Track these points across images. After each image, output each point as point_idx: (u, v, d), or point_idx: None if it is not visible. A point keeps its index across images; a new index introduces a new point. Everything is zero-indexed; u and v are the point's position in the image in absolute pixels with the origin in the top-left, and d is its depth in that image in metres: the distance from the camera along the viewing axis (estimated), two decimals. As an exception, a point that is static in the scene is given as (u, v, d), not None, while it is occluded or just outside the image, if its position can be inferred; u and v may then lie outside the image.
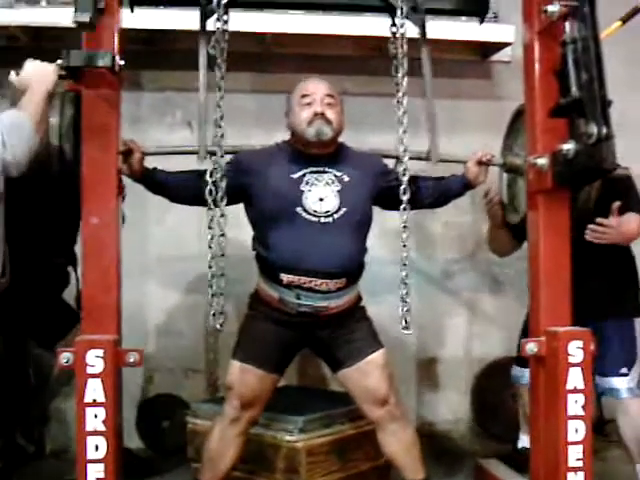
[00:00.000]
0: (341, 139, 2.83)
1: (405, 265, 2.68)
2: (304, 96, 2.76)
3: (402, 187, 2.68)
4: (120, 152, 2.51)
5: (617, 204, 2.82)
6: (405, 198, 2.67)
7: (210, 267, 2.60)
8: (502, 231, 3.24)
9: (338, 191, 2.73)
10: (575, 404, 2.31)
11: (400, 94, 2.68)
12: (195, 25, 2.68)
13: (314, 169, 2.75)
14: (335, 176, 2.75)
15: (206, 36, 2.63)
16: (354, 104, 3.53)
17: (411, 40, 2.72)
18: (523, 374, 3.16)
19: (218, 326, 2.57)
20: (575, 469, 2.33)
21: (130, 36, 3.08)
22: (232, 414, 2.71)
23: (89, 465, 2.17)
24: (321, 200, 2.70)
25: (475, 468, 3.37)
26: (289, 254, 2.68)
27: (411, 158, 2.73)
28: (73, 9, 2.16)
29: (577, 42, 2.11)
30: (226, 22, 2.63)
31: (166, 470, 3.47)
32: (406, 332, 2.64)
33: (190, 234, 3.27)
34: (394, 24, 2.79)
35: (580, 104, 2.08)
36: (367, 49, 3.84)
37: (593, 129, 2.01)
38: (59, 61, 2.31)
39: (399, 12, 2.70)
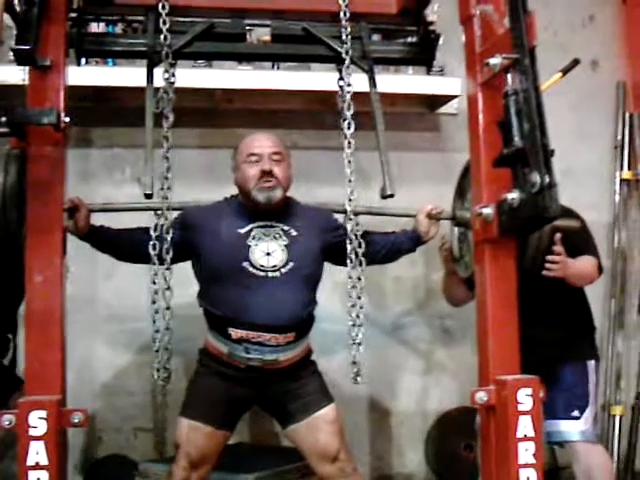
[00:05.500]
0: (290, 193, 2.84)
1: (358, 317, 2.67)
2: (251, 155, 2.75)
3: (351, 245, 2.66)
4: (66, 209, 2.46)
5: (559, 235, 2.77)
6: (360, 252, 2.65)
7: (154, 322, 2.57)
8: (455, 280, 3.22)
9: (286, 245, 2.73)
10: (526, 452, 2.29)
11: (348, 150, 2.67)
12: (143, 82, 2.64)
13: (261, 223, 2.75)
14: (283, 230, 2.76)
15: (153, 87, 2.59)
16: (303, 158, 3.56)
17: (358, 94, 2.73)
18: None
19: (161, 382, 2.53)
20: (528, 518, 2.31)
21: (79, 93, 3.08)
22: (180, 475, 2.63)
23: (33, 530, 2.09)
24: (268, 255, 2.71)
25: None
26: (237, 309, 2.67)
27: (360, 213, 2.73)
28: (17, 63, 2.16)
29: (519, 93, 2.16)
30: (173, 75, 2.62)
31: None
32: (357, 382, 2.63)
33: (139, 290, 3.22)
34: (342, 78, 2.79)
35: (523, 153, 2.11)
36: (315, 103, 3.88)
37: (536, 178, 2.04)
38: (2, 118, 2.23)
39: (347, 60, 2.69)
